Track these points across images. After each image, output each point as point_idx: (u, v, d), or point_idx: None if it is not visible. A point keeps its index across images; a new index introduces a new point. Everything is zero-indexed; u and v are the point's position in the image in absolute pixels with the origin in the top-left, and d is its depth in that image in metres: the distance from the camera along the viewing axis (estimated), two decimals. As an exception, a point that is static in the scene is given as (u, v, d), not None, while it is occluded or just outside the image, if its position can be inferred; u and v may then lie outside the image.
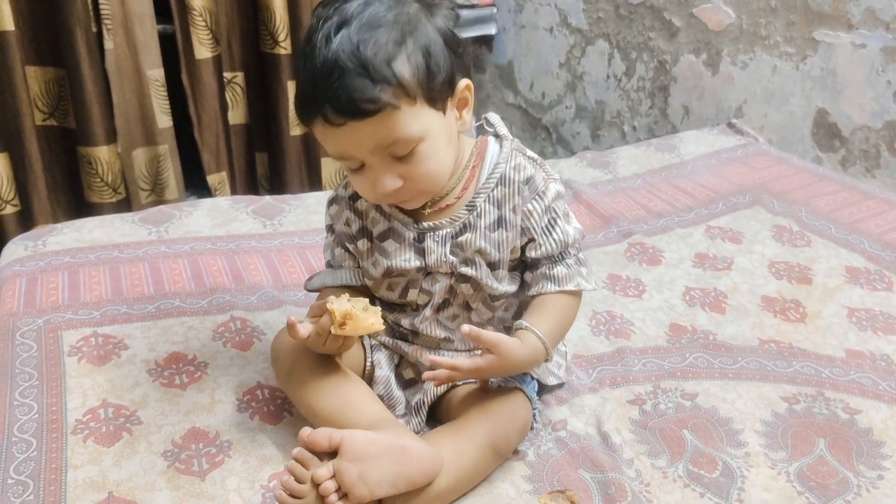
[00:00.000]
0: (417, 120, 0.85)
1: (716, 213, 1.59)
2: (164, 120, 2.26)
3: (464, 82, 0.90)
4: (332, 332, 0.87)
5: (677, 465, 0.95)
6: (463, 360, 0.87)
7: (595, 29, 2.40)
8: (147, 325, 1.17)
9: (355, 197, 0.98)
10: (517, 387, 0.97)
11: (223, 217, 1.50)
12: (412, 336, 1.01)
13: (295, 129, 2.48)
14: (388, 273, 0.96)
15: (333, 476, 0.79)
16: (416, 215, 0.96)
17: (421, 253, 0.95)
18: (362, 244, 0.98)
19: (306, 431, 0.82)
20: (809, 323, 1.24)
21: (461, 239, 0.94)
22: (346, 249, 1.01)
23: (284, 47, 2.36)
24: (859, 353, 1.17)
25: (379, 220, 0.97)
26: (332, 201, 1.02)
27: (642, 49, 2.26)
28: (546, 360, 0.94)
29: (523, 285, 0.99)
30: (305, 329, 0.88)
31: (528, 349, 0.90)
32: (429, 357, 0.91)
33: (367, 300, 0.90)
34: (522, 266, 0.99)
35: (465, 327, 0.85)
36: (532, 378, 1.02)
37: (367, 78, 0.80)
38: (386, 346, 1.04)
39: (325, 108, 0.82)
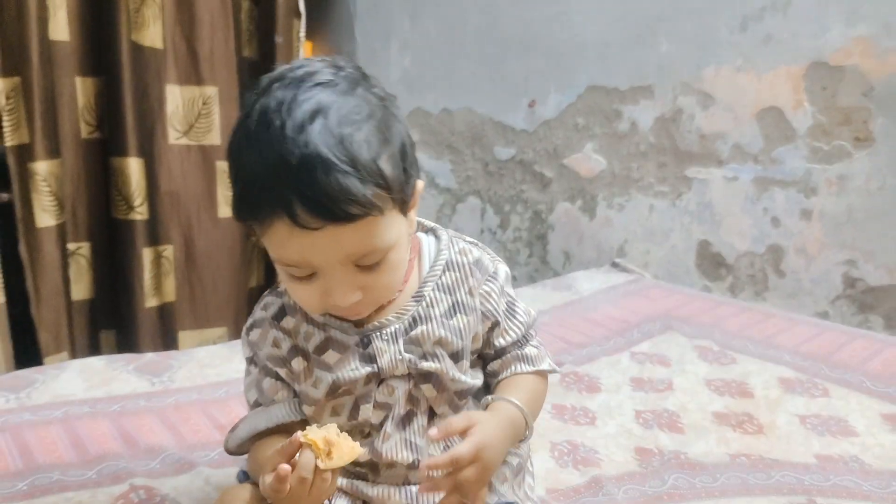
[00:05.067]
0: (392, 227, 0.75)
1: (634, 341, 1.55)
2: (-6, 296, 1.97)
3: (420, 183, 0.82)
4: (320, 465, 0.69)
5: None
6: (459, 448, 0.74)
7: (465, 187, 2.44)
8: (20, 507, 0.90)
9: (279, 316, 0.85)
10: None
11: (99, 378, 1.26)
12: (372, 474, 0.85)
13: (151, 300, 2.26)
14: (334, 390, 0.81)
15: None
16: (354, 319, 0.83)
17: (368, 359, 0.82)
18: (297, 363, 0.83)
19: None
20: (769, 433, 1.19)
21: (415, 333, 0.82)
22: (278, 378, 0.85)
23: (141, 213, 2.19)
24: (829, 457, 1.13)
25: (313, 334, 0.83)
26: (250, 328, 0.87)
27: (516, 201, 2.30)
28: (526, 435, 0.87)
29: (486, 381, 0.91)
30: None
31: (504, 416, 0.82)
32: (424, 464, 0.75)
33: (334, 425, 0.74)
34: (482, 361, 0.91)
35: (432, 431, 0.76)
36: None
37: (357, 177, 0.68)
38: (345, 492, 0.85)
39: (296, 208, 0.68)
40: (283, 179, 0.68)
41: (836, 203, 1.67)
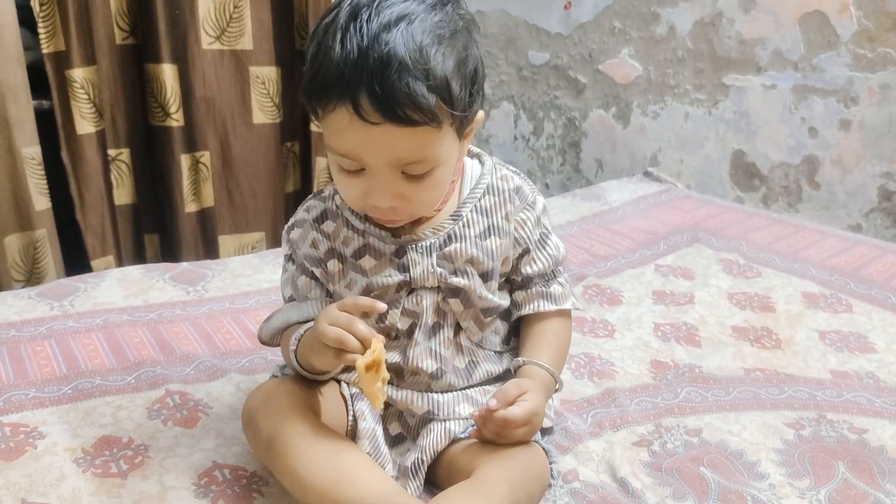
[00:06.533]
0: (444, 144, 0.78)
1: (659, 253, 1.56)
2: (41, 202, 2.03)
3: (481, 113, 0.84)
4: (357, 364, 0.75)
5: (706, 506, 0.86)
6: (513, 411, 0.80)
7: (498, 92, 2.40)
8: (65, 409, 0.97)
9: (321, 220, 0.90)
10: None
11: (137, 286, 1.32)
12: (397, 379, 0.90)
13: (190, 206, 2.31)
14: (367, 293, 0.87)
15: None
16: (393, 229, 0.88)
17: (402, 268, 0.86)
18: (332, 265, 0.88)
19: None
20: (786, 348, 1.20)
21: (448, 249, 0.87)
22: (313, 277, 0.90)
23: (176, 119, 2.21)
24: (844, 373, 1.14)
25: (352, 239, 0.88)
26: (291, 227, 0.93)
27: (549, 108, 2.27)
28: (557, 389, 0.91)
29: (512, 307, 0.95)
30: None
31: (540, 382, 0.87)
32: (478, 416, 0.81)
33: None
34: (509, 286, 0.95)
35: (491, 401, 0.80)
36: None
37: (426, 85, 0.72)
38: None
39: (362, 98, 0.72)
40: (358, 71, 0.71)
41: (876, 113, 1.62)
